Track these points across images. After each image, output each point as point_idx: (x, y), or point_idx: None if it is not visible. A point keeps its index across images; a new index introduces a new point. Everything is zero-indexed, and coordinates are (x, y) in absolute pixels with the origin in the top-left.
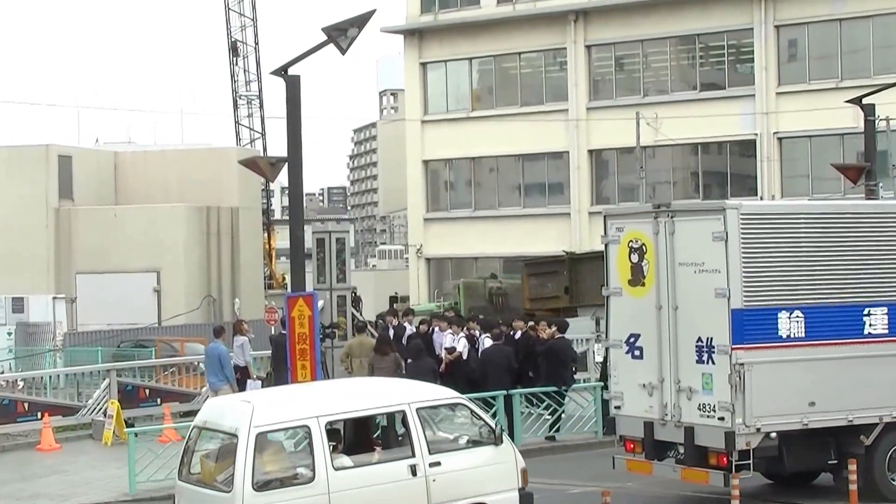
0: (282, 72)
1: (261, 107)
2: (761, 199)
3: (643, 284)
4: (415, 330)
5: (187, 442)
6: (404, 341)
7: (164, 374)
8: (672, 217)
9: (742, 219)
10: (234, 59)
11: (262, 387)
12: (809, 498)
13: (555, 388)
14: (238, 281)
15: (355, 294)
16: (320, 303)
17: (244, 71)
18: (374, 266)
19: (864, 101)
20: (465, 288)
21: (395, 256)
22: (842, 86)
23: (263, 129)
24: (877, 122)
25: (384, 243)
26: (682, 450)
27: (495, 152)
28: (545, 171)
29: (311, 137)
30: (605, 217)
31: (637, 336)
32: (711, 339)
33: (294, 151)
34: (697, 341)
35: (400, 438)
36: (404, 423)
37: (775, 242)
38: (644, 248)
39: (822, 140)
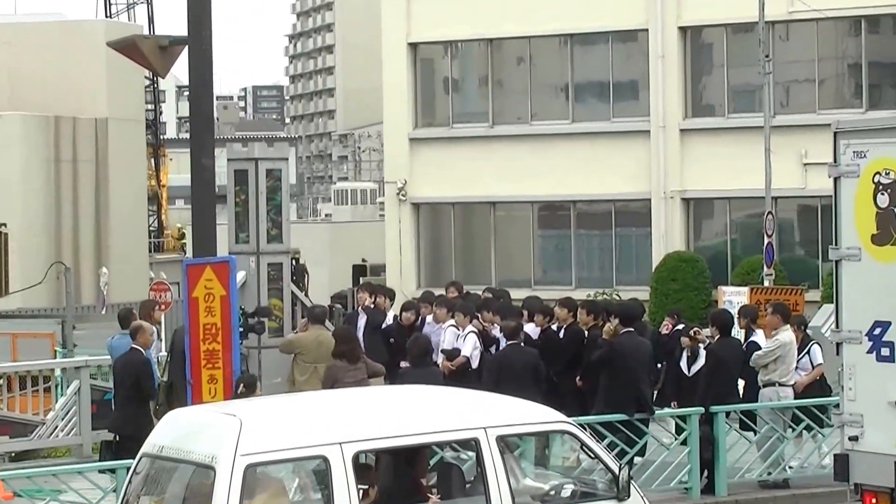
0: None
1: None
2: None
3: None
4: (395, 320)
5: (130, 480)
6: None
7: None
8: None
9: None
10: None
11: (158, 406)
12: None
13: (622, 417)
14: (106, 238)
15: (297, 261)
16: (241, 274)
17: None
18: (328, 215)
19: None
20: None
21: (364, 200)
22: None
23: None
24: None
25: (345, 178)
26: None
27: (526, 31)
28: (609, 63)
29: (228, 9)
30: (835, 134)
31: (887, 325)
32: None
33: (198, 28)
34: None
35: (468, 484)
36: (478, 458)
37: None
38: None
39: None
